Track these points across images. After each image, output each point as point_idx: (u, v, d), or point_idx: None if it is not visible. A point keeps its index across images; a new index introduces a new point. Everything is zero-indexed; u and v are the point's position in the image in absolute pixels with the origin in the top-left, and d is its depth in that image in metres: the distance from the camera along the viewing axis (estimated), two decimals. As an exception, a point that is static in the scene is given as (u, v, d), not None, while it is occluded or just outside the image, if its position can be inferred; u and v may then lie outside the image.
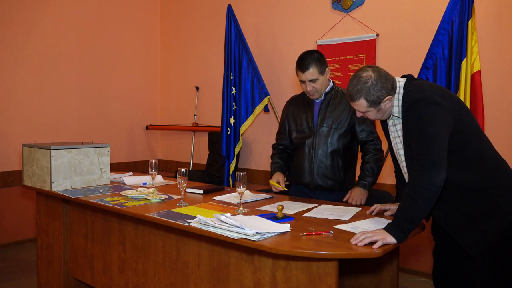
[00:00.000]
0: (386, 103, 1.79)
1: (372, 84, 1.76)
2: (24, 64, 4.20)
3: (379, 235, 1.58)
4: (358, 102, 1.80)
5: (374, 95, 1.76)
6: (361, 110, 1.84)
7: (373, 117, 1.87)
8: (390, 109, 1.83)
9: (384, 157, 3.44)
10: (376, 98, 1.77)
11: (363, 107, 1.81)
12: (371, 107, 1.80)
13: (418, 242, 3.42)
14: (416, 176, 1.65)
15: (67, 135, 4.51)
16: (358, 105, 1.83)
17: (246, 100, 4.11)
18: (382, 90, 1.76)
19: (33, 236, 4.22)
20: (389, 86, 1.78)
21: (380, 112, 1.83)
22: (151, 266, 2.17)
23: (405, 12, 3.43)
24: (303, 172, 2.46)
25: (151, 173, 2.60)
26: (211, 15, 4.88)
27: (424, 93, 1.72)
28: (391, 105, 1.82)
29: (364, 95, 1.77)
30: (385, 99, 1.77)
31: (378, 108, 1.81)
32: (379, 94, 1.76)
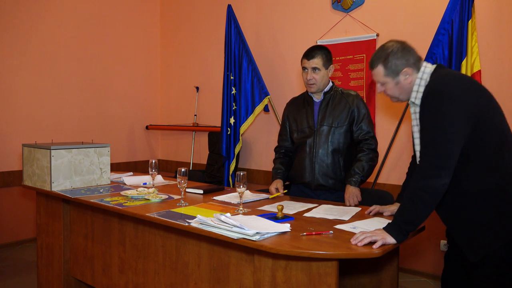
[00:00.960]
0: (406, 77, 1.73)
1: (392, 52, 1.72)
2: (24, 64, 4.20)
3: (379, 235, 1.58)
4: (376, 69, 1.76)
5: (392, 62, 1.71)
6: (379, 79, 1.78)
7: (391, 92, 1.79)
8: (410, 88, 1.75)
9: (383, 157, 3.45)
10: (394, 66, 1.72)
11: (380, 75, 1.76)
12: (389, 77, 1.74)
13: (418, 242, 3.42)
14: (418, 179, 1.61)
15: (67, 135, 4.51)
16: (376, 73, 1.78)
17: (246, 100, 4.11)
18: (402, 59, 1.71)
19: (33, 236, 4.22)
20: (411, 59, 1.72)
21: (398, 87, 1.76)
22: (151, 266, 2.17)
23: (405, 12, 3.43)
24: (304, 172, 2.46)
25: (151, 173, 2.60)
26: (211, 15, 4.88)
27: (446, 85, 1.61)
28: (411, 82, 1.74)
29: (382, 61, 1.73)
30: (404, 70, 1.72)
31: (396, 81, 1.74)
32: (398, 63, 1.71)
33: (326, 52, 2.44)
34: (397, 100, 1.84)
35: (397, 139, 3.50)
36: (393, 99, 1.85)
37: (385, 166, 3.55)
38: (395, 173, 3.55)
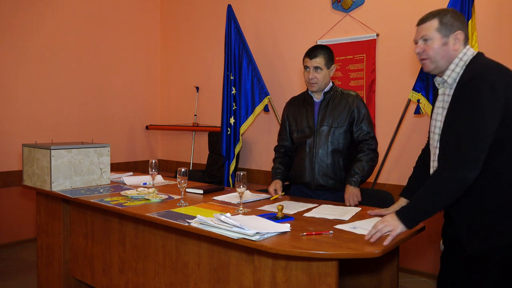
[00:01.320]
0: (455, 43, 1.65)
1: (451, 12, 1.68)
2: (24, 64, 4.20)
3: (390, 225, 1.57)
4: (429, 22, 1.68)
5: (449, 19, 1.66)
6: (427, 33, 1.68)
7: (433, 52, 1.67)
8: (452, 58, 1.66)
9: (383, 157, 3.45)
10: (450, 24, 1.65)
11: (431, 29, 1.67)
12: (439, 33, 1.65)
13: (418, 242, 3.42)
14: (448, 168, 1.53)
15: (67, 135, 4.51)
16: (425, 27, 1.69)
17: (246, 100, 4.11)
18: (459, 22, 1.66)
19: (33, 236, 4.22)
20: (464, 28, 1.67)
21: (443, 50, 1.66)
22: (151, 266, 2.17)
23: (405, 12, 3.43)
24: (304, 172, 2.46)
25: (151, 173, 2.60)
26: (211, 15, 4.88)
27: (489, 73, 1.54)
28: (457, 51, 1.66)
29: (439, 16, 1.68)
30: (457, 33, 1.65)
31: (445, 41, 1.65)
32: (455, 23, 1.65)
33: (328, 51, 2.45)
34: (434, 67, 1.71)
35: (397, 139, 3.50)
36: (429, 66, 1.71)
37: (385, 166, 3.55)
38: (395, 173, 3.55)
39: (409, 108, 3.35)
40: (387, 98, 3.57)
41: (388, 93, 3.56)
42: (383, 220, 1.62)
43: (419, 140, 3.41)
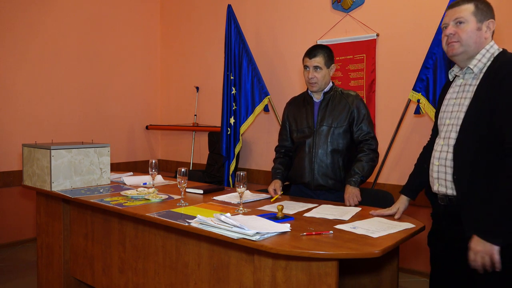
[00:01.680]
0: (487, 31, 1.64)
1: (488, 3, 1.67)
2: (24, 64, 4.20)
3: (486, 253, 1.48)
4: (465, 6, 1.65)
5: (484, 8, 1.65)
6: (463, 15, 1.65)
7: (466, 35, 1.64)
8: (481, 45, 1.64)
9: (383, 157, 3.45)
10: (484, 11, 1.64)
11: (467, 11, 1.64)
12: (474, 17, 1.63)
13: (418, 242, 3.42)
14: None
15: (67, 135, 4.51)
16: (461, 10, 1.66)
17: (246, 100, 4.11)
18: (492, 13, 1.66)
19: (33, 236, 4.22)
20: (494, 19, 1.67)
21: (476, 35, 1.64)
22: (151, 266, 2.17)
23: (405, 12, 3.43)
24: (304, 172, 2.46)
25: (151, 173, 2.60)
26: (211, 15, 4.88)
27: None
28: (487, 40, 1.64)
29: (475, 1, 1.65)
30: (490, 21, 1.64)
31: (478, 26, 1.64)
32: (488, 12, 1.65)
33: (328, 51, 2.45)
34: (462, 51, 1.67)
35: (397, 139, 3.50)
36: (458, 48, 1.67)
37: (385, 166, 3.55)
38: (395, 173, 3.55)
39: (409, 108, 3.35)
40: (387, 98, 3.56)
41: (388, 93, 3.56)
42: (475, 251, 1.50)
43: (419, 140, 3.41)
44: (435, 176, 1.75)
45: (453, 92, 1.74)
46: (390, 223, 1.88)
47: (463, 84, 1.70)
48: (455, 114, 1.68)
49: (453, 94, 1.73)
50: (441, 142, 1.73)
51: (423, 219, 2.12)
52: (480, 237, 1.51)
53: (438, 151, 1.73)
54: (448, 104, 1.75)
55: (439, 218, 1.80)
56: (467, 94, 1.66)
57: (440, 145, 1.73)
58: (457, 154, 1.64)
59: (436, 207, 1.81)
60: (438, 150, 1.73)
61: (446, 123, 1.72)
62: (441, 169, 1.71)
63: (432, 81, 3.10)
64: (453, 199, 1.68)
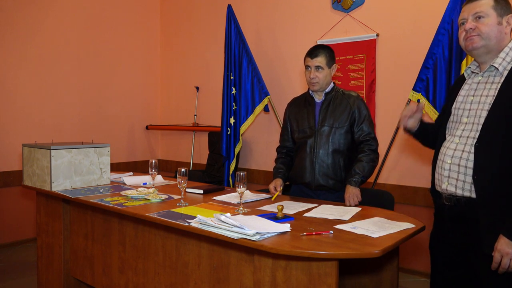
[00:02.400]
0: (507, 26, 1.60)
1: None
2: (24, 64, 4.20)
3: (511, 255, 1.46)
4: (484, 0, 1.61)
5: (503, 2, 1.61)
6: (483, 9, 1.61)
7: (487, 29, 1.60)
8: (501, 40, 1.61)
9: (383, 157, 3.45)
10: (504, 5, 1.60)
11: (487, 5, 1.60)
12: (495, 11, 1.59)
13: (418, 242, 3.42)
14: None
15: (67, 135, 4.51)
16: (481, 4, 1.61)
17: (246, 100, 4.11)
18: (510, 7, 1.62)
19: (33, 236, 4.22)
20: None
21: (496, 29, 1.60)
22: (151, 266, 2.17)
23: (405, 12, 3.43)
24: (305, 172, 2.46)
25: (151, 173, 2.60)
26: (211, 15, 4.88)
27: None
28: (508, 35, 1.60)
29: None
30: (510, 16, 1.60)
31: (499, 20, 1.59)
32: (508, 6, 1.61)
33: (329, 51, 2.46)
34: (483, 44, 1.62)
35: (397, 139, 3.50)
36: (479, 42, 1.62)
37: (385, 166, 3.55)
38: (395, 173, 3.55)
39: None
40: (387, 98, 3.56)
41: (388, 93, 3.56)
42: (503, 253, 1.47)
43: (419, 140, 3.41)
44: (446, 174, 1.67)
45: (470, 89, 1.68)
46: (390, 223, 1.88)
47: (482, 82, 1.65)
48: (474, 113, 1.62)
49: (470, 91, 1.67)
50: (456, 140, 1.66)
51: (423, 219, 2.12)
52: (510, 238, 1.46)
53: (451, 149, 1.66)
54: (464, 101, 1.69)
55: (443, 218, 1.75)
56: (489, 92, 1.60)
57: (454, 143, 1.66)
58: (479, 154, 1.57)
59: (440, 206, 1.76)
60: (452, 148, 1.66)
61: (463, 121, 1.66)
62: (453, 167, 1.64)
63: (432, 81, 3.10)
64: (461, 200, 1.63)
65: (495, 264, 1.50)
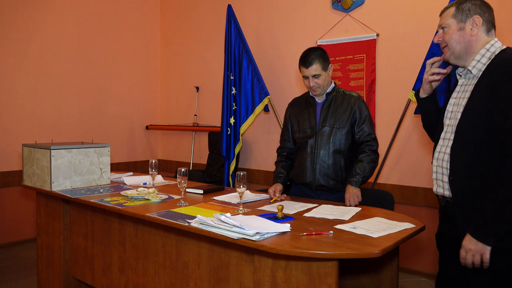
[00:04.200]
0: (472, 28, 1.62)
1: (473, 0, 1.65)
2: (24, 64, 4.21)
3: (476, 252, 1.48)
4: (448, 10, 1.68)
5: (467, 6, 1.64)
6: (444, 21, 1.67)
7: (449, 37, 1.65)
8: (470, 44, 1.63)
9: (384, 157, 3.45)
10: (466, 9, 1.63)
11: (448, 15, 1.66)
12: (455, 18, 1.64)
13: (418, 242, 3.43)
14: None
15: (67, 135, 4.51)
16: (444, 15, 1.69)
17: (246, 100, 4.11)
18: (478, 8, 1.64)
19: (33, 236, 4.22)
20: (487, 15, 1.65)
21: (459, 35, 1.63)
22: (151, 266, 2.17)
23: (405, 12, 3.43)
24: (305, 172, 2.46)
25: (151, 173, 2.60)
26: (211, 15, 4.88)
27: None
28: (476, 37, 1.63)
29: (457, 3, 1.66)
30: (474, 18, 1.62)
31: (461, 26, 1.63)
32: (472, 8, 1.63)
33: (322, 54, 2.41)
34: (450, 54, 1.68)
35: (397, 139, 3.50)
36: (447, 53, 1.69)
37: (385, 166, 3.55)
38: (395, 173, 3.55)
39: (409, 108, 3.35)
40: (387, 98, 3.57)
41: (388, 93, 3.56)
42: (466, 249, 1.50)
43: (419, 140, 3.41)
44: (434, 177, 1.75)
45: (455, 92, 1.73)
46: (390, 223, 1.88)
47: (464, 84, 1.69)
48: (453, 115, 1.68)
49: (454, 94, 1.72)
50: (440, 142, 1.72)
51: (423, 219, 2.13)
52: (473, 236, 1.51)
53: (437, 151, 1.73)
54: (449, 104, 1.74)
55: (442, 218, 1.81)
56: (465, 94, 1.65)
57: (439, 146, 1.72)
58: (454, 155, 1.63)
59: (439, 207, 1.81)
60: (438, 151, 1.73)
61: (446, 123, 1.72)
62: (438, 170, 1.72)
63: (432, 81, 3.10)
64: (450, 201, 1.68)
65: (462, 260, 1.55)
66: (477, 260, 1.50)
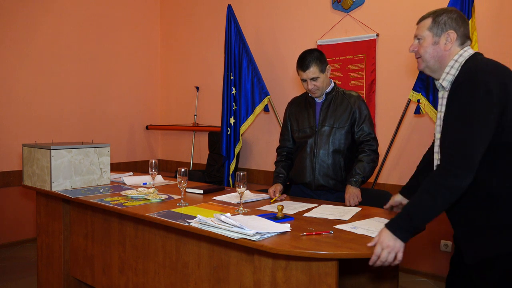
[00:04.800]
0: (446, 43, 1.63)
1: (449, 12, 1.66)
2: (24, 64, 4.21)
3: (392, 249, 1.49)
4: (423, 21, 1.69)
5: (443, 19, 1.65)
6: (420, 32, 1.69)
7: (423, 51, 1.67)
8: (443, 58, 1.64)
9: (383, 157, 3.45)
10: (442, 22, 1.64)
11: (424, 27, 1.68)
12: (431, 31, 1.65)
13: (418, 242, 3.42)
14: (443, 174, 1.48)
15: (67, 135, 4.51)
16: (421, 26, 1.70)
17: (246, 100, 4.11)
18: (453, 22, 1.64)
19: (33, 236, 4.22)
20: (462, 29, 1.64)
21: (433, 49, 1.65)
22: (151, 266, 2.17)
23: (405, 12, 3.43)
24: (305, 172, 2.46)
25: (151, 173, 2.60)
26: (211, 15, 4.88)
27: (486, 76, 1.48)
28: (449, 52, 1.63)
29: (434, 15, 1.68)
30: (449, 32, 1.62)
31: (435, 40, 1.64)
32: (448, 22, 1.64)
33: (318, 56, 2.39)
34: (425, 66, 1.69)
35: (397, 139, 3.50)
36: (421, 64, 1.71)
37: (385, 166, 3.55)
38: (395, 173, 3.55)
39: (409, 108, 3.35)
40: (387, 98, 3.57)
41: (388, 93, 3.56)
42: (381, 245, 1.51)
43: (419, 140, 3.41)
44: None
45: (438, 105, 1.73)
46: (390, 223, 1.87)
47: (441, 97, 1.69)
48: (438, 129, 1.68)
49: (438, 107, 1.72)
50: (435, 156, 1.70)
51: (423, 219, 2.12)
52: (392, 232, 1.52)
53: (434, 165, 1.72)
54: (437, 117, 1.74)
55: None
56: (442, 107, 1.66)
57: (435, 159, 1.71)
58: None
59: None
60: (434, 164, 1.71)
61: (437, 137, 1.71)
62: None
63: (432, 81, 3.10)
64: None
65: (374, 256, 1.51)
66: (391, 258, 1.50)
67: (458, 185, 1.46)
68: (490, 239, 1.51)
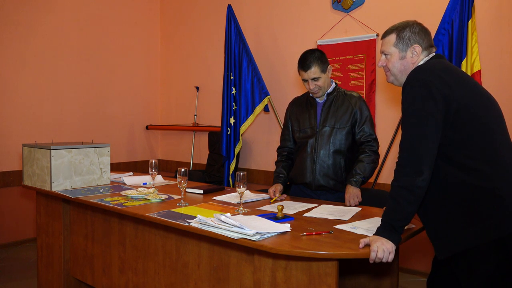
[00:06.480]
0: (413, 56, 1.68)
1: (411, 26, 1.69)
2: (24, 64, 4.20)
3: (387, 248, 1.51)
4: (388, 37, 1.72)
5: (407, 34, 1.68)
6: (386, 48, 1.73)
7: (392, 66, 1.72)
8: (408, 70, 1.67)
9: (384, 157, 3.45)
10: (406, 38, 1.68)
11: (389, 44, 1.71)
12: (396, 48, 1.70)
13: (418, 242, 3.42)
14: (396, 176, 1.55)
15: (67, 135, 4.51)
16: (385, 42, 1.73)
17: (246, 100, 4.11)
18: (417, 36, 1.68)
19: (33, 236, 4.22)
20: (426, 41, 1.68)
21: (401, 63, 1.70)
22: (151, 266, 2.17)
23: (405, 12, 3.43)
24: (305, 172, 2.46)
25: (151, 173, 2.60)
26: (211, 15, 4.88)
27: (425, 75, 1.54)
28: (416, 64, 1.67)
29: (397, 30, 1.70)
30: (414, 46, 1.67)
31: (402, 55, 1.69)
32: (412, 36, 1.68)
33: (320, 56, 2.39)
34: (393, 79, 1.76)
35: (397, 139, 3.50)
36: (390, 77, 1.77)
37: (385, 166, 3.55)
38: (395, 173, 3.54)
39: (409, 108, 3.34)
40: (387, 98, 3.57)
41: (388, 93, 3.56)
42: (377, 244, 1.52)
43: (419, 140, 3.40)
44: None
45: None
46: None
47: None
48: None
49: None
50: None
51: (423, 219, 2.12)
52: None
53: None
54: None
55: None
56: None
57: None
58: None
59: None
60: None
61: None
62: None
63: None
64: None
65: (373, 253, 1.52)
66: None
67: (412, 183, 1.50)
68: (455, 234, 1.53)
